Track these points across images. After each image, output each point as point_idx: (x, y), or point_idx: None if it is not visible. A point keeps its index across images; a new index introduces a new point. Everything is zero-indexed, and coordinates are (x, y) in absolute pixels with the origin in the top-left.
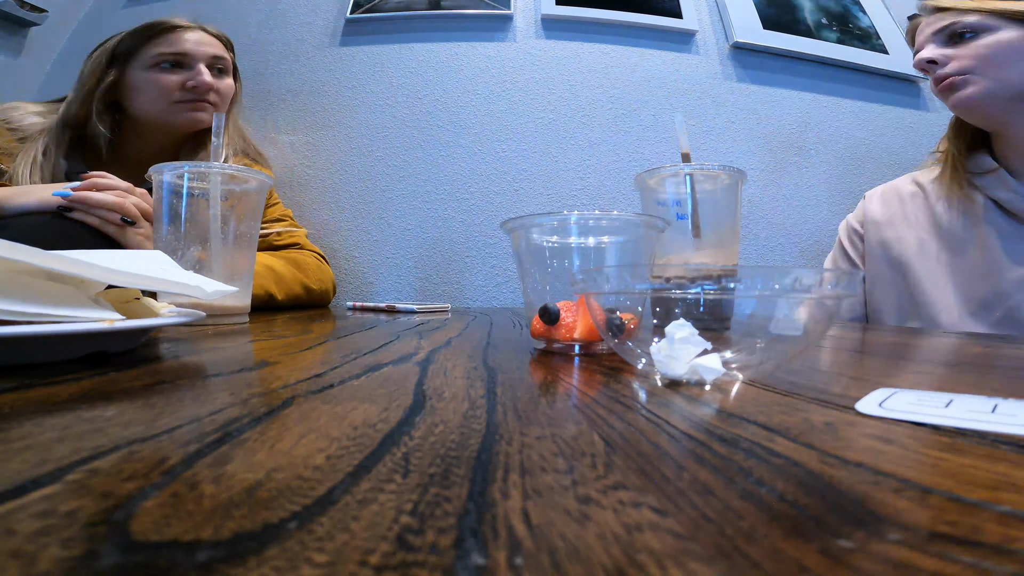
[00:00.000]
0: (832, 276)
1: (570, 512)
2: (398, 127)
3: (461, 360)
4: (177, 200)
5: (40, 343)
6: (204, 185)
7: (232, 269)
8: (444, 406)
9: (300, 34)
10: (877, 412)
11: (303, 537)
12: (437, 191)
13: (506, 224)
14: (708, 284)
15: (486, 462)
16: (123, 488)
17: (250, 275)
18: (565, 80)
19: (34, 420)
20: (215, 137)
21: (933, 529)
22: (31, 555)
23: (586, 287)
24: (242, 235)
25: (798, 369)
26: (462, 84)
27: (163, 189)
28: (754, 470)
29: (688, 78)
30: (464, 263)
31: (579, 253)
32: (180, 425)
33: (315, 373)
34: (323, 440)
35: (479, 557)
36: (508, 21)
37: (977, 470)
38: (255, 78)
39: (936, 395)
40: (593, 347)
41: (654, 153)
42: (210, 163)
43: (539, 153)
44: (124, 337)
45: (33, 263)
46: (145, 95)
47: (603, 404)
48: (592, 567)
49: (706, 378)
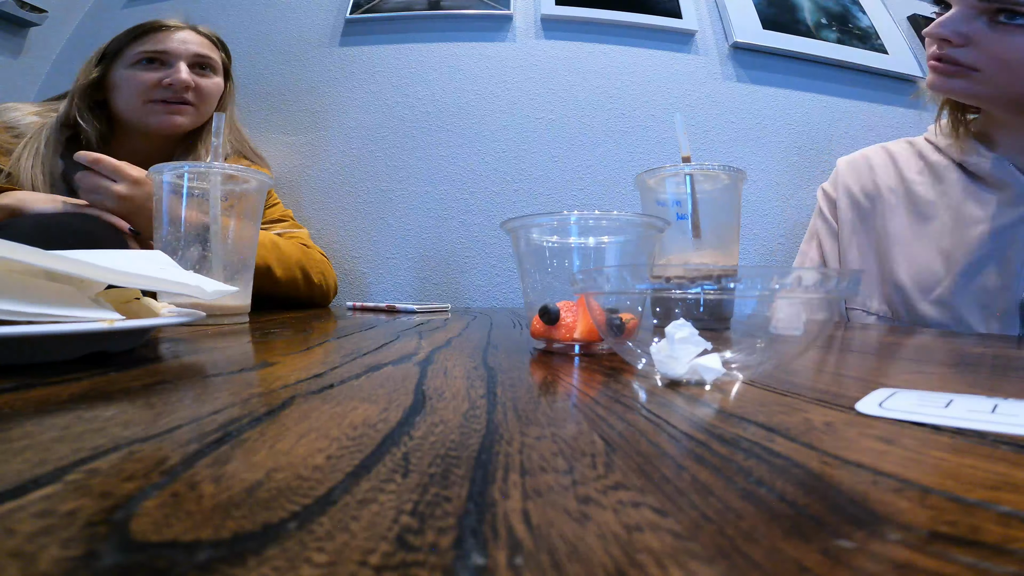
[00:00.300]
0: (832, 276)
1: (570, 512)
2: (398, 127)
3: (461, 360)
4: (177, 200)
5: (40, 343)
6: (204, 185)
7: (232, 269)
8: (444, 406)
9: (300, 34)
10: (877, 412)
11: (303, 537)
12: (437, 191)
13: (506, 224)
14: (708, 284)
15: (486, 462)
16: (123, 488)
17: (250, 275)
18: (565, 80)
19: (34, 420)
20: (215, 137)
21: (933, 529)
22: (31, 555)
23: (586, 287)
24: (242, 235)
25: (798, 369)
26: (462, 84)
27: (163, 189)
28: (754, 470)
29: (688, 78)
30: (464, 263)
31: (579, 253)
32: (180, 425)
33: (315, 373)
34: (323, 440)
35: (479, 557)
36: (508, 21)
37: (977, 470)
38: (255, 78)
39: (936, 395)
40: (593, 347)
41: (654, 153)
42: (209, 163)
43: (539, 153)
44: (124, 337)
45: (33, 263)
46: (123, 93)
47: (603, 404)
48: (592, 567)
49: (706, 378)
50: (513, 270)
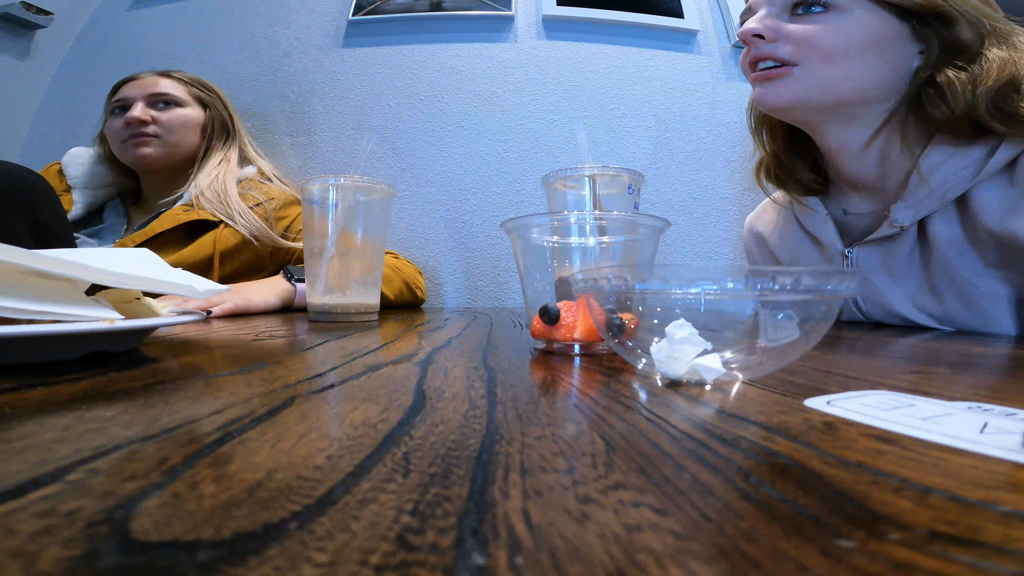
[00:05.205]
0: (832, 276)
1: (570, 512)
2: (399, 128)
3: (461, 360)
4: (322, 212)
5: (40, 343)
6: (347, 196)
7: (366, 270)
8: (444, 406)
9: (302, 36)
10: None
11: (304, 537)
12: (438, 191)
13: (506, 224)
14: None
15: (486, 462)
16: (124, 488)
17: (379, 276)
18: (566, 80)
19: (34, 420)
20: (360, 156)
21: (933, 529)
22: (32, 555)
23: (586, 287)
24: (369, 240)
25: (798, 369)
26: (464, 85)
27: (312, 202)
28: (754, 470)
29: (690, 78)
30: (464, 263)
31: (579, 253)
32: (180, 425)
33: (315, 373)
34: (323, 440)
35: (479, 557)
36: (509, 22)
37: (977, 470)
38: (258, 80)
39: (903, 396)
40: (593, 347)
41: (655, 153)
42: (339, 177)
43: (540, 153)
44: (124, 337)
45: (20, 263)
46: (111, 141)
47: (603, 404)
48: (592, 567)
49: (706, 378)
50: (513, 270)
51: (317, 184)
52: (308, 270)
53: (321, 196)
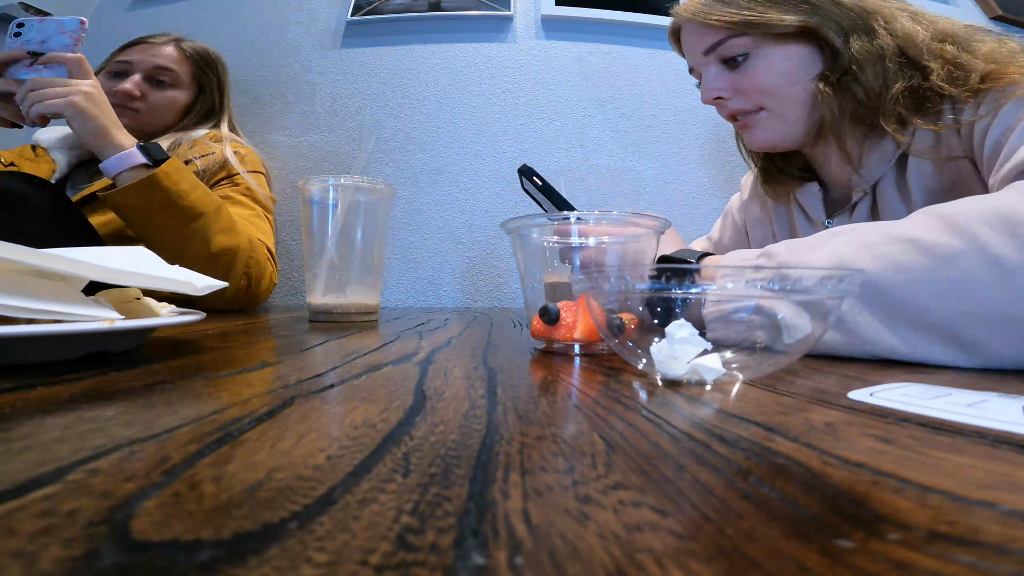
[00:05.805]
0: (832, 276)
1: (570, 512)
2: (399, 128)
3: (461, 360)
4: (322, 211)
5: (40, 343)
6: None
7: (365, 269)
8: (444, 406)
9: (301, 37)
10: (868, 400)
11: (304, 537)
12: (438, 191)
13: (506, 224)
14: (707, 284)
15: (486, 462)
16: (124, 488)
17: (379, 276)
18: (565, 80)
19: (34, 420)
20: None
21: (933, 529)
22: (32, 555)
23: (586, 287)
24: (369, 240)
25: (798, 369)
26: (463, 85)
27: (312, 202)
28: (754, 470)
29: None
30: (464, 263)
31: (579, 253)
32: (180, 425)
33: (315, 373)
34: (323, 440)
35: (479, 557)
36: (508, 22)
37: (977, 470)
38: (257, 80)
39: (933, 388)
40: (593, 347)
41: (656, 153)
42: (339, 178)
43: (540, 153)
44: (124, 337)
45: (17, 260)
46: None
47: (603, 404)
48: (592, 567)
49: (706, 378)
50: (513, 270)
51: (317, 184)
52: (308, 270)
53: (321, 196)
